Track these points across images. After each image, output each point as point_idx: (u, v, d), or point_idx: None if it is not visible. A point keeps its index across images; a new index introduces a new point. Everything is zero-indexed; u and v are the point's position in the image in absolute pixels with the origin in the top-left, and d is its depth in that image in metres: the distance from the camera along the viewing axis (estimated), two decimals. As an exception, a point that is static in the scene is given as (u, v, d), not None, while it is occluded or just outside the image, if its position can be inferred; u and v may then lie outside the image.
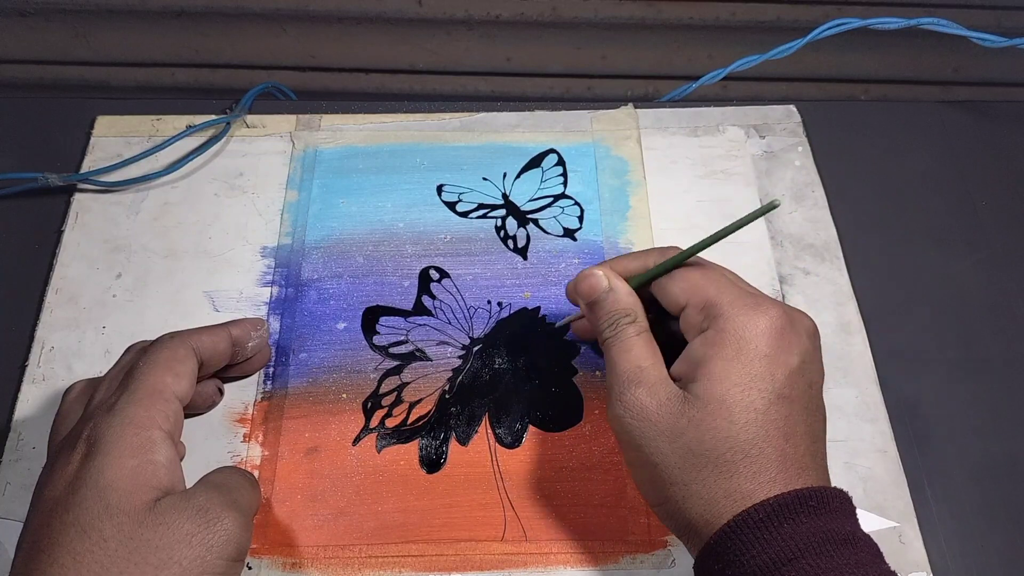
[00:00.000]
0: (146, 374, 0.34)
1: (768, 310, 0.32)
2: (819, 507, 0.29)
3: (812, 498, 0.30)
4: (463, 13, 0.70)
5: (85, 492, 0.30)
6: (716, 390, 0.31)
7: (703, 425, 0.31)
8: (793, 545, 0.28)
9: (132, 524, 0.29)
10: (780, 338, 0.32)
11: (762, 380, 0.31)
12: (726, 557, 0.29)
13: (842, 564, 0.28)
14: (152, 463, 0.31)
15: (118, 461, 0.31)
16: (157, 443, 0.32)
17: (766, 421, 0.31)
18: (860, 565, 0.28)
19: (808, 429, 0.32)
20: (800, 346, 0.32)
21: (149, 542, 0.29)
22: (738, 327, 0.32)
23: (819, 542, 0.28)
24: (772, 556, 0.28)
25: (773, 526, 0.29)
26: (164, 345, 0.36)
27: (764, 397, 0.31)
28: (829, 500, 0.30)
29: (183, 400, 0.35)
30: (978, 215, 0.50)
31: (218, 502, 0.31)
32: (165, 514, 0.30)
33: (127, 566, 0.29)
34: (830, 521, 0.29)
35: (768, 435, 0.31)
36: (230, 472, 0.35)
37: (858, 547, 0.29)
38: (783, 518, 0.29)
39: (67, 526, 0.29)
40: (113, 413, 0.32)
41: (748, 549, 0.29)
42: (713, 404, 0.31)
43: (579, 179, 0.50)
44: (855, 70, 0.75)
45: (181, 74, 0.77)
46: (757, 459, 0.30)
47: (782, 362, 0.32)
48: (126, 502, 0.30)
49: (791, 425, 0.31)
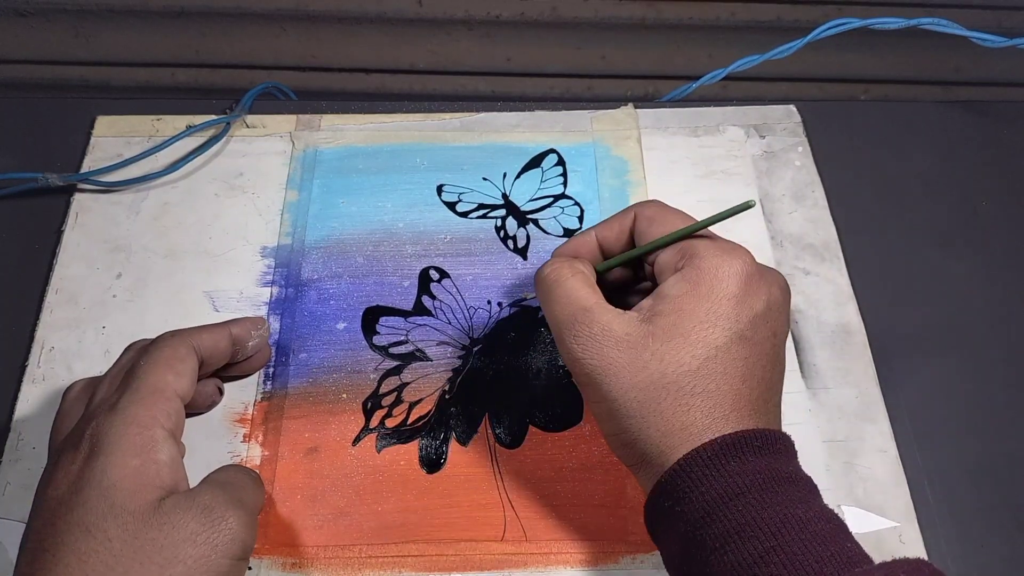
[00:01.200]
0: (147, 373, 0.34)
1: (743, 255, 0.34)
2: (764, 447, 0.31)
3: (758, 438, 0.31)
4: (463, 13, 0.70)
5: (89, 492, 0.30)
6: (681, 324, 0.32)
7: (666, 358, 0.32)
8: (740, 481, 0.30)
9: (136, 523, 0.29)
10: (749, 282, 0.33)
11: (726, 319, 0.32)
12: (676, 494, 0.30)
13: (784, 499, 0.29)
14: (155, 462, 0.31)
15: (121, 461, 0.31)
16: (159, 442, 0.32)
17: (726, 359, 0.32)
18: (801, 500, 0.30)
19: (765, 375, 0.33)
20: (769, 294, 0.33)
21: (154, 541, 0.29)
22: (712, 266, 0.33)
23: (764, 479, 0.30)
24: (720, 491, 0.30)
25: (721, 463, 0.30)
26: (165, 343, 0.36)
27: (726, 335, 0.32)
28: (774, 441, 0.31)
29: (184, 398, 0.35)
30: (978, 215, 0.50)
31: (222, 501, 0.31)
32: (170, 513, 0.30)
33: (132, 565, 0.29)
34: (774, 461, 0.31)
35: (727, 373, 0.32)
36: (234, 470, 0.35)
37: (799, 485, 0.31)
38: (731, 456, 0.30)
39: (71, 526, 0.29)
40: (115, 412, 0.32)
41: (698, 485, 0.30)
42: (677, 338, 0.32)
43: (579, 179, 0.50)
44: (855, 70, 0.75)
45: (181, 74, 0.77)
46: (714, 395, 0.31)
47: (748, 304, 0.32)
48: (130, 502, 0.30)
49: (749, 367, 0.32)
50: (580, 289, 0.35)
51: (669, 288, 0.33)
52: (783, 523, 0.28)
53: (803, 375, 0.43)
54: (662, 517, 0.31)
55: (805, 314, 0.45)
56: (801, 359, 0.44)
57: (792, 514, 0.29)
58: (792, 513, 0.29)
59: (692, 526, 0.30)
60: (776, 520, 0.28)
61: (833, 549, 0.28)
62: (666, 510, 0.31)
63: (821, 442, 0.41)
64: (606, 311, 0.33)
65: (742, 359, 0.32)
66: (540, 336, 0.44)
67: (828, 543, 0.28)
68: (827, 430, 0.42)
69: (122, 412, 0.32)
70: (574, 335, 0.33)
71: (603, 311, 0.33)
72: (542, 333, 0.44)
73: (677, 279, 0.33)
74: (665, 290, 0.33)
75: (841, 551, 0.28)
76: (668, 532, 0.31)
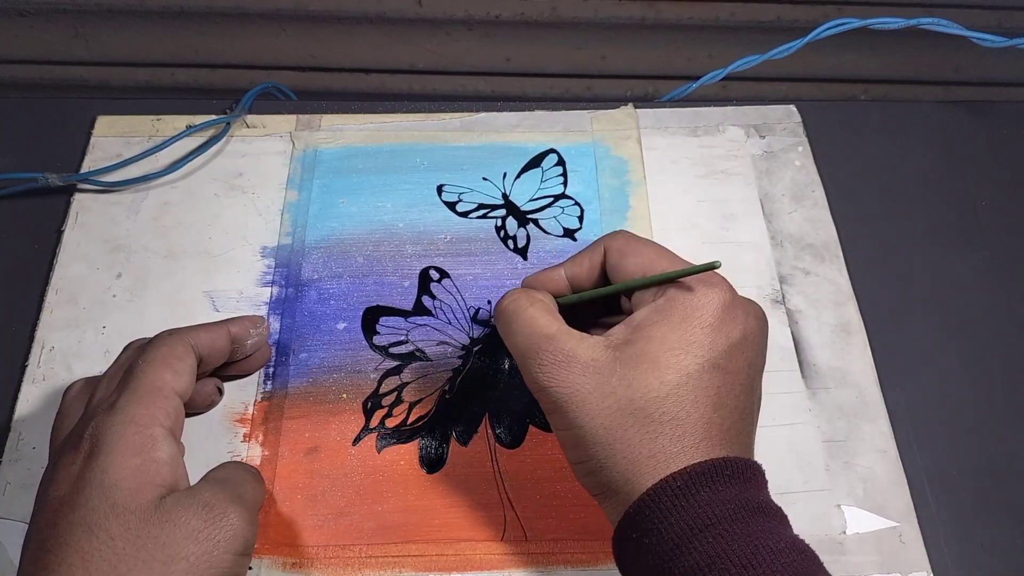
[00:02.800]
0: (146, 372, 0.34)
1: (721, 285, 0.33)
2: (735, 476, 0.30)
3: (729, 467, 0.30)
4: (463, 13, 0.70)
5: (90, 492, 0.30)
6: (651, 350, 0.31)
7: (634, 384, 0.31)
8: (710, 511, 0.29)
9: (139, 522, 0.30)
10: (726, 311, 0.32)
11: (699, 347, 0.31)
12: (644, 525, 0.30)
13: (755, 530, 0.29)
14: (155, 461, 0.31)
15: (121, 460, 0.31)
16: (159, 440, 0.32)
17: (697, 387, 0.31)
18: (771, 532, 0.29)
19: (739, 405, 0.32)
20: (746, 324, 0.33)
21: (156, 539, 0.29)
22: (688, 298, 0.32)
23: (734, 509, 0.29)
24: (689, 523, 0.29)
25: (691, 493, 0.29)
26: (163, 342, 0.36)
27: (698, 363, 0.31)
28: (745, 470, 0.30)
29: (183, 397, 0.35)
30: (978, 215, 0.50)
31: (223, 497, 0.32)
32: (171, 511, 0.30)
33: (135, 563, 0.29)
34: (745, 490, 0.30)
35: (697, 401, 0.31)
36: (234, 467, 0.35)
37: (769, 515, 0.30)
38: (701, 485, 0.29)
39: (74, 526, 0.29)
40: (114, 412, 0.32)
41: (666, 516, 0.29)
42: (646, 363, 0.31)
43: (579, 179, 0.50)
44: (855, 70, 0.75)
45: (181, 74, 0.76)
46: (684, 423, 0.31)
47: (724, 333, 0.32)
48: (132, 500, 0.30)
49: (722, 396, 0.31)
50: (540, 317, 0.34)
51: (642, 316, 0.33)
52: (754, 555, 0.28)
53: (803, 375, 0.43)
54: (629, 549, 0.31)
55: (805, 314, 0.45)
56: (801, 359, 0.44)
57: (763, 545, 0.28)
58: (763, 544, 0.28)
59: (661, 559, 0.29)
60: (747, 552, 0.28)
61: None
62: (634, 541, 0.30)
63: (821, 442, 0.41)
64: (570, 337, 0.33)
65: (715, 387, 0.31)
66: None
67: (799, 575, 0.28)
68: (827, 430, 0.42)
69: (121, 411, 0.32)
70: (538, 364, 0.33)
71: (567, 337, 0.33)
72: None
73: (651, 309, 0.33)
74: (637, 318, 0.33)
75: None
76: (636, 565, 0.31)
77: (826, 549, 0.38)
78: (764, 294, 0.46)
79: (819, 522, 0.39)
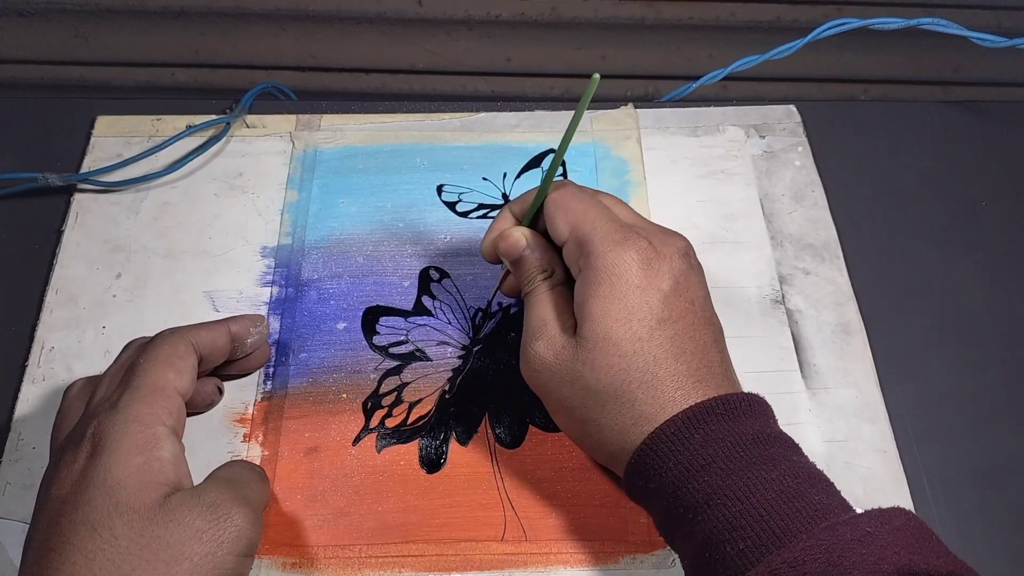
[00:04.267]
0: (147, 371, 0.34)
1: (635, 242, 0.34)
2: (727, 413, 0.32)
3: (719, 406, 0.32)
4: (463, 13, 0.70)
5: (93, 491, 0.30)
6: (600, 329, 0.33)
7: (596, 364, 0.33)
8: (705, 452, 0.31)
9: (142, 521, 0.30)
10: (648, 266, 0.34)
11: (639, 310, 0.33)
12: (646, 473, 0.32)
13: (752, 462, 0.30)
14: (159, 460, 0.31)
15: (124, 459, 0.31)
16: (162, 439, 0.32)
17: (652, 347, 0.33)
18: (771, 460, 0.30)
19: (698, 345, 0.34)
20: (671, 270, 0.34)
21: (160, 539, 0.29)
22: (608, 264, 0.34)
23: (729, 446, 0.31)
24: (686, 465, 0.31)
25: (684, 438, 0.31)
26: (164, 341, 0.36)
27: (645, 325, 0.33)
28: (737, 404, 0.32)
29: (184, 396, 0.35)
30: (978, 215, 0.50)
31: (228, 498, 0.32)
32: (176, 511, 0.30)
33: (139, 563, 0.29)
34: (738, 424, 0.31)
35: (657, 359, 0.33)
36: (239, 467, 0.36)
37: (770, 443, 0.31)
38: (692, 429, 0.31)
39: (77, 525, 0.29)
40: (117, 411, 0.32)
41: (664, 462, 0.31)
42: (600, 342, 0.33)
43: (579, 179, 0.50)
44: (855, 70, 0.75)
45: (181, 74, 0.77)
46: (652, 384, 0.32)
47: (655, 287, 0.33)
48: (135, 500, 0.30)
49: (678, 344, 0.33)
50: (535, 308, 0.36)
51: (579, 295, 0.35)
52: (749, 487, 0.29)
53: (803, 375, 0.43)
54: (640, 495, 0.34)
55: (805, 314, 0.45)
56: (801, 359, 0.44)
57: (758, 476, 0.30)
58: (757, 475, 0.30)
59: (667, 500, 0.31)
60: (741, 485, 0.29)
61: (799, 505, 0.29)
62: (640, 488, 0.33)
63: (821, 442, 0.41)
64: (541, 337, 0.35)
65: (668, 340, 0.33)
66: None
67: (794, 500, 0.29)
68: (827, 430, 0.42)
69: (124, 410, 0.32)
70: (523, 367, 0.37)
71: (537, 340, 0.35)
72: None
73: (582, 283, 0.35)
74: (577, 298, 0.35)
75: (808, 506, 0.29)
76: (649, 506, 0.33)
77: (826, 549, 0.38)
78: (764, 294, 0.46)
79: (819, 522, 0.39)
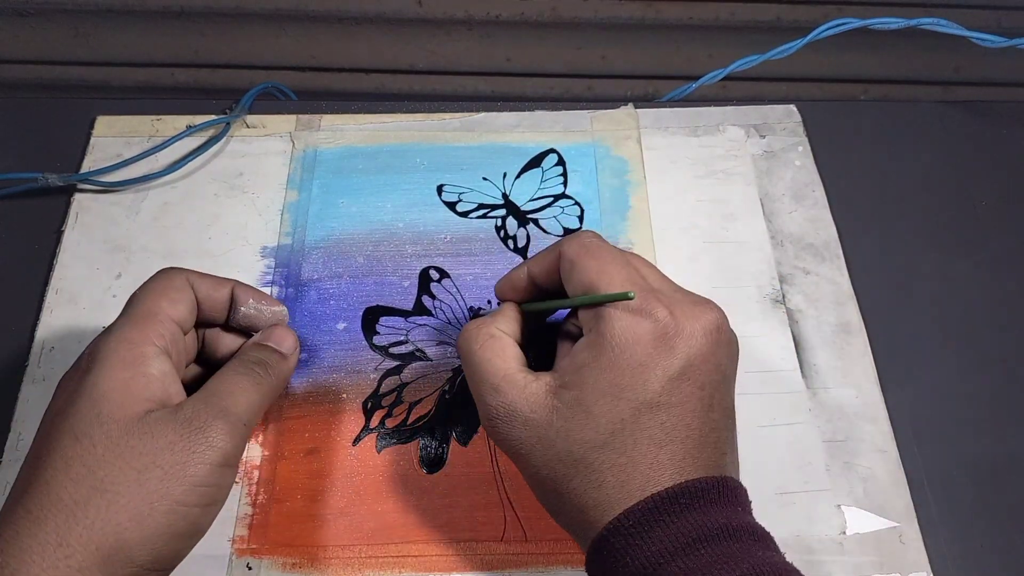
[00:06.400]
0: (141, 300, 0.35)
1: (653, 313, 0.31)
2: (692, 503, 0.29)
3: (684, 494, 0.29)
4: (463, 13, 0.70)
5: (81, 403, 0.31)
6: (584, 398, 0.31)
7: (571, 436, 0.31)
8: (663, 548, 0.28)
9: (120, 431, 0.31)
10: (660, 344, 0.31)
11: (631, 390, 0.31)
12: (603, 566, 0.30)
13: (714, 561, 0.28)
14: (145, 375, 0.32)
15: (111, 373, 0.32)
16: (150, 357, 0.33)
17: (635, 430, 0.30)
18: (731, 558, 0.28)
19: (692, 433, 0.31)
20: (687, 349, 0.31)
21: (133, 448, 0.31)
22: (617, 333, 0.31)
23: (691, 541, 0.28)
24: (643, 563, 0.28)
25: (643, 532, 0.29)
26: (162, 275, 0.36)
27: (631, 407, 0.31)
28: (705, 492, 0.29)
29: (182, 325, 0.35)
30: (978, 215, 0.50)
31: (205, 412, 0.32)
32: (153, 425, 0.31)
33: (111, 470, 0.30)
34: (704, 515, 0.29)
35: (638, 444, 0.30)
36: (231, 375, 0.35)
37: (736, 537, 0.29)
38: (653, 522, 0.29)
39: (62, 433, 0.31)
40: (110, 332, 0.34)
41: (620, 557, 0.29)
42: (580, 413, 0.31)
43: (579, 179, 0.50)
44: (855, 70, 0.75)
45: (181, 74, 0.76)
46: (625, 468, 0.30)
47: (660, 368, 0.31)
48: (118, 411, 0.31)
49: (668, 432, 0.30)
50: (489, 362, 0.34)
51: (576, 355, 0.32)
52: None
53: (803, 375, 0.43)
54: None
55: (805, 314, 0.45)
56: (801, 359, 0.44)
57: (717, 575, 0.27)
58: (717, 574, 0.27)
59: None
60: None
61: None
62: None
63: (821, 442, 0.41)
64: (513, 386, 0.33)
65: (657, 426, 0.30)
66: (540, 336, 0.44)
67: None
68: (827, 430, 0.42)
69: (115, 332, 0.33)
70: (485, 416, 0.34)
71: (510, 387, 0.33)
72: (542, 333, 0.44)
73: (583, 345, 0.32)
74: (572, 358, 0.33)
75: None
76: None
77: (826, 549, 0.38)
78: (764, 294, 0.46)
79: (819, 522, 0.39)
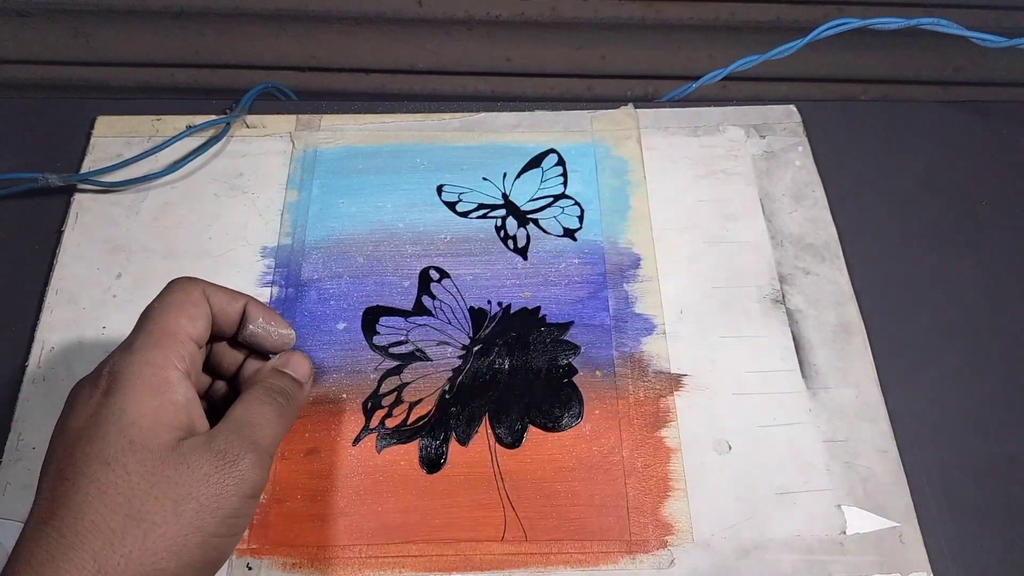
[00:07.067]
0: (160, 315, 0.35)
1: None
2: None
3: None
4: (463, 13, 0.70)
5: (107, 427, 0.31)
6: None
7: None
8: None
9: (155, 460, 0.31)
10: None
11: None
12: None
13: None
14: (173, 403, 0.32)
15: (139, 399, 0.32)
16: (175, 383, 0.33)
17: None
18: None
19: None
20: None
21: (170, 479, 0.31)
22: None
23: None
24: None
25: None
26: (178, 287, 0.36)
27: None
28: None
29: (198, 342, 0.35)
30: (978, 215, 0.50)
31: (237, 444, 0.32)
32: (187, 455, 0.31)
33: (148, 499, 0.30)
34: None
35: None
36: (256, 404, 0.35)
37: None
38: None
39: (90, 458, 0.31)
40: (131, 351, 0.33)
41: None
42: None
43: (579, 179, 0.50)
44: (855, 70, 0.75)
45: (181, 74, 0.77)
46: None
47: None
48: (149, 440, 0.31)
49: None
50: None
51: None
52: None
53: (803, 375, 0.43)
54: None
55: (805, 314, 0.45)
56: (801, 359, 0.44)
57: None
58: None
59: None
60: None
61: None
62: None
63: (821, 442, 0.41)
64: None
65: None
66: (540, 336, 0.44)
67: None
68: (827, 430, 0.42)
69: (138, 352, 0.33)
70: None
71: None
72: (542, 333, 0.44)
73: None
74: None
75: None
76: None
77: (826, 549, 0.38)
78: (764, 294, 0.46)
79: (819, 522, 0.39)
